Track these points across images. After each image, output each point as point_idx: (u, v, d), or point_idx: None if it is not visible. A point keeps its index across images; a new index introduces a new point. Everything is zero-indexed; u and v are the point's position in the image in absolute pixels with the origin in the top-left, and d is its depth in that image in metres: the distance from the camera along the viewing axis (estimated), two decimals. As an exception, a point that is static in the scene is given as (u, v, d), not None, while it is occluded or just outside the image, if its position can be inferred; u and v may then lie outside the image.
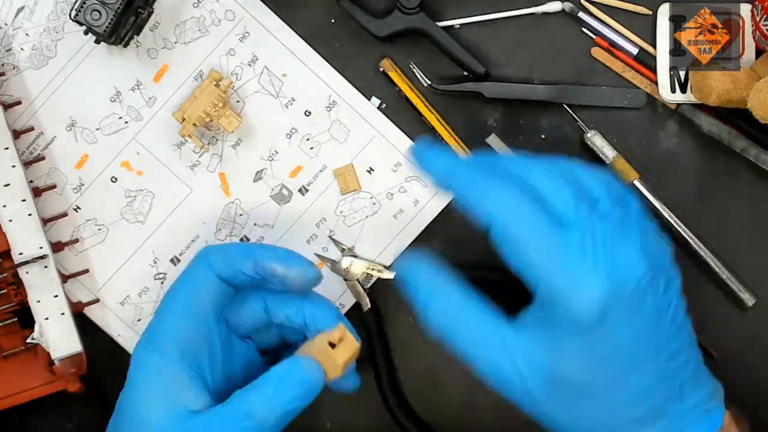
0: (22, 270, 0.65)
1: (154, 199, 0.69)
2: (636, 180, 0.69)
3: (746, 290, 0.70)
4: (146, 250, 0.70)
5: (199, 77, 0.69)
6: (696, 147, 0.70)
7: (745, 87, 0.64)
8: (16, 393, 0.66)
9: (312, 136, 0.69)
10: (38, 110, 0.68)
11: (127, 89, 0.69)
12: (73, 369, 0.65)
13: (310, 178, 0.70)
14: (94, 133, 0.69)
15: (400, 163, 0.70)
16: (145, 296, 0.70)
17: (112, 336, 0.70)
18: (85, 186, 0.69)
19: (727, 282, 0.69)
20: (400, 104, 0.69)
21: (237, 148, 0.69)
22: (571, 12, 0.69)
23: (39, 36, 0.68)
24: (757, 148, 0.67)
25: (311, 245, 0.70)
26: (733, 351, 0.70)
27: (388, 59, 0.69)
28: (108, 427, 0.58)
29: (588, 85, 0.69)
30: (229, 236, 0.70)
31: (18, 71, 0.68)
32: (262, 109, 0.69)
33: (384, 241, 0.70)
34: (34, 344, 0.65)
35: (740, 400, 0.70)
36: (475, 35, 0.69)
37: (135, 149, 0.69)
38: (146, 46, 0.69)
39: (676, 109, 0.69)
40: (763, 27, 0.65)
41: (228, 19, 0.69)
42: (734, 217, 0.70)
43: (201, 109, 0.66)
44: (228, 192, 0.70)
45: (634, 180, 0.69)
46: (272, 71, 0.69)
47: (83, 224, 0.69)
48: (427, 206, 0.70)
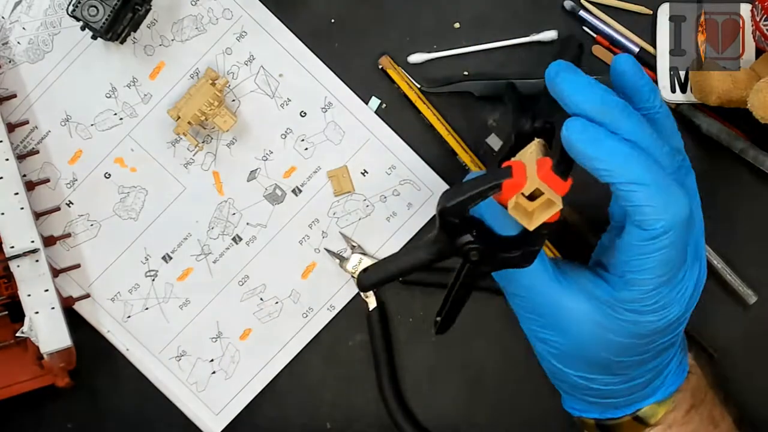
0: (13, 263, 0.65)
1: (147, 196, 0.69)
2: None
3: (748, 287, 0.69)
4: (138, 247, 0.70)
5: (195, 75, 0.69)
6: (695, 147, 0.69)
7: (745, 87, 0.64)
8: (4, 386, 0.66)
9: (307, 137, 0.69)
10: (33, 104, 0.68)
11: (123, 85, 0.69)
12: (62, 364, 0.65)
13: (303, 178, 0.70)
14: (88, 129, 0.69)
15: (394, 166, 0.69)
16: (135, 293, 0.70)
17: (101, 332, 0.70)
18: (78, 181, 0.69)
19: (728, 280, 0.70)
20: (400, 104, 0.69)
21: (231, 147, 0.69)
22: (572, 11, 0.69)
23: (36, 30, 0.68)
24: (756, 149, 0.67)
25: (303, 246, 0.70)
26: (734, 349, 0.71)
27: (387, 57, 0.69)
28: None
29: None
30: (221, 235, 0.70)
31: (14, 65, 0.68)
32: (257, 109, 0.69)
33: (376, 243, 0.70)
34: (24, 338, 0.65)
35: (740, 399, 0.70)
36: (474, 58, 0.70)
37: (129, 146, 0.69)
38: (143, 43, 0.69)
39: (675, 109, 0.69)
40: (763, 27, 0.65)
41: (225, 17, 0.69)
42: (734, 217, 0.70)
43: (196, 108, 0.66)
44: (221, 191, 0.70)
45: None
46: (268, 71, 0.69)
47: (76, 219, 0.69)
48: (420, 210, 0.70)
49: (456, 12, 0.69)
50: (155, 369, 0.70)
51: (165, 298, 0.70)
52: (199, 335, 0.70)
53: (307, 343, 0.70)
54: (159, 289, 0.70)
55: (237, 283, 0.70)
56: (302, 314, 0.70)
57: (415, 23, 0.69)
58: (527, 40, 0.69)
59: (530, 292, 0.57)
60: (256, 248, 0.70)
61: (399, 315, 0.71)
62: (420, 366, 0.71)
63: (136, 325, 0.70)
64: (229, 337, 0.70)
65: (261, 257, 0.70)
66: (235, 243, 0.70)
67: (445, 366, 0.71)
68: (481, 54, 0.69)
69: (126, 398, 0.71)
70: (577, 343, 0.57)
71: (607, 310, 0.55)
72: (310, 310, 0.70)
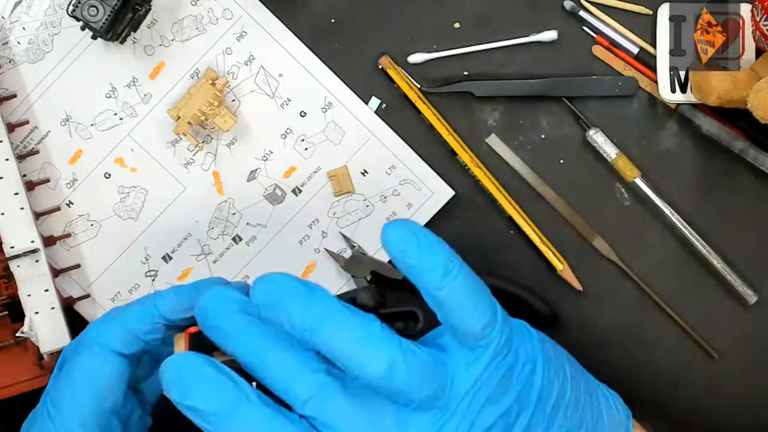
0: (13, 263, 0.65)
1: (147, 196, 0.69)
2: (637, 178, 0.69)
3: (748, 287, 0.70)
4: (138, 247, 0.69)
5: (195, 75, 0.69)
6: (695, 147, 0.70)
7: (745, 87, 0.64)
8: (4, 386, 0.66)
9: (307, 137, 0.69)
10: (33, 104, 0.68)
11: (123, 85, 0.69)
12: (62, 364, 0.65)
13: (303, 178, 0.70)
14: (88, 129, 0.69)
15: (394, 166, 0.69)
16: (135, 293, 0.70)
17: (101, 332, 0.70)
18: (78, 181, 0.69)
19: (728, 279, 0.70)
20: (400, 104, 0.69)
21: (231, 147, 0.69)
22: (572, 11, 0.69)
23: (36, 30, 0.68)
24: (756, 150, 0.67)
25: (303, 246, 0.70)
26: (734, 349, 0.71)
27: (387, 57, 0.69)
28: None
29: (578, 76, 0.69)
30: (221, 235, 0.70)
31: (14, 65, 0.68)
32: (257, 109, 0.69)
33: (376, 243, 0.70)
34: (24, 338, 0.65)
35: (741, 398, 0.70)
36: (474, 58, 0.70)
37: (129, 146, 0.69)
38: (143, 43, 0.69)
39: (675, 109, 0.69)
40: (763, 27, 0.65)
41: (226, 17, 0.69)
42: (733, 217, 0.70)
43: (196, 108, 0.66)
44: (221, 191, 0.70)
45: (636, 178, 0.69)
46: (269, 71, 0.69)
47: (76, 219, 0.69)
48: (420, 210, 0.70)
49: (456, 12, 0.69)
50: (155, 369, 0.70)
51: (165, 298, 0.70)
52: (199, 335, 0.70)
53: (307, 343, 0.70)
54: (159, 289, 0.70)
55: (237, 283, 0.70)
56: (302, 314, 0.70)
57: (415, 23, 0.69)
58: (527, 40, 0.69)
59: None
60: (256, 248, 0.70)
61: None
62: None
63: (136, 325, 0.70)
64: (229, 337, 0.70)
65: (261, 257, 0.70)
66: (235, 243, 0.70)
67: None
68: (481, 54, 0.69)
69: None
70: None
71: None
72: (310, 310, 0.70)
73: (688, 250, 0.70)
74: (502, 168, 0.70)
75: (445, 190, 0.70)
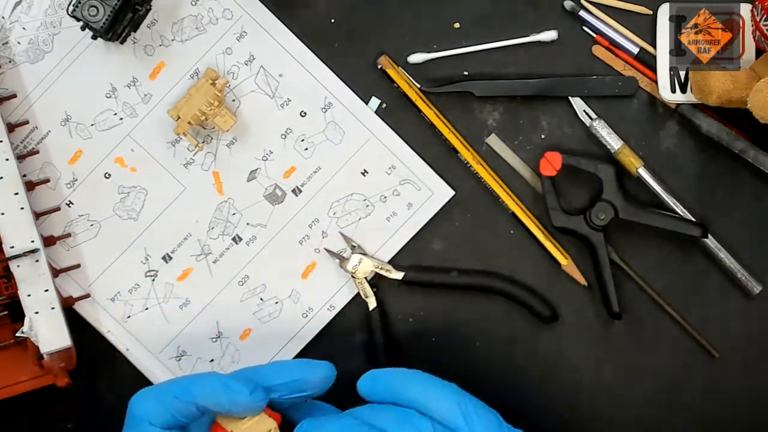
0: (13, 263, 0.65)
1: (147, 196, 0.69)
2: (641, 168, 0.69)
3: (752, 278, 0.70)
4: (138, 247, 0.70)
5: (195, 75, 0.69)
6: (695, 147, 0.70)
7: (745, 87, 0.64)
8: (4, 386, 0.66)
9: (307, 137, 0.69)
10: (33, 104, 0.68)
11: (123, 85, 0.69)
12: (62, 364, 0.65)
13: (303, 178, 0.70)
14: (88, 129, 0.69)
15: (394, 166, 0.69)
16: (135, 293, 0.70)
17: (101, 332, 0.70)
18: (78, 181, 0.69)
19: (732, 270, 0.70)
20: (401, 104, 0.69)
21: (231, 147, 0.69)
22: (572, 11, 0.69)
23: (36, 30, 0.68)
24: (756, 150, 0.67)
25: (303, 246, 0.70)
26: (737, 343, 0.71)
27: (386, 57, 0.69)
28: None
29: (578, 76, 0.69)
30: (221, 235, 0.70)
31: (14, 65, 0.68)
32: (257, 109, 0.69)
33: (376, 243, 0.70)
34: (24, 338, 0.65)
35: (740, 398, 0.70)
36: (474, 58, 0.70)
37: (129, 146, 0.69)
38: (143, 43, 0.69)
39: (675, 108, 0.69)
40: (763, 27, 0.65)
41: (226, 18, 0.69)
42: (733, 217, 0.70)
43: (196, 108, 0.66)
44: (221, 191, 0.70)
45: (639, 168, 0.69)
46: (269, 71, 0.69)
47: (76, 219, 0.69)
48: (420, 209, 0.70)
49: (456, 12, 0.69)
50: (155, 369, 0.70)
51: (165, 298, 0.70)
52: (199, 335, 0.70)
53: (307, 343, 0.70)
54: (159, 289, 0.70)
55: (237, 283, 0.70)
56: (302, 314, 0.70)
57: (415, 23, 0.69)
58: (527, 40, 0.69)
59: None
60: (256, 248, 0.70)
61: (399, 315, 0.71)
62: (420, 366, 0.71)
63: (136, 325, 0.70)
64: (229, 337, 0.70)
65: (261, 257, 0.70)
66: (235, 243, 0.70)
67: (445, 366, 0.71)
68: (481, 54, 0.69)
69: (126, 398, 0.70)
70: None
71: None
72: (310, 310, 0.70)
73: (692, 242, 0.70)
74: (502, 168, 0.70)
75: (445, 189, 0.70)
